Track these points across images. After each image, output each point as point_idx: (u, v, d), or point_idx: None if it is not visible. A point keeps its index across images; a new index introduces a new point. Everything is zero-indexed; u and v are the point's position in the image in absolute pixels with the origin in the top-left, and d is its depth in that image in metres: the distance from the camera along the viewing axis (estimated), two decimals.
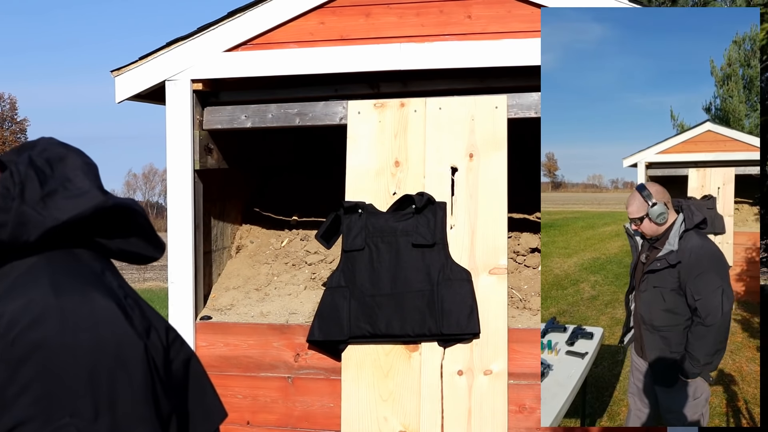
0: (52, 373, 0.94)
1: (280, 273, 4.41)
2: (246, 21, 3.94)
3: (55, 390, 0.93)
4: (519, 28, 3.71)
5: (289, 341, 3.87)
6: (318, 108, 4.01)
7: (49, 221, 1.04)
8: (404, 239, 3.67)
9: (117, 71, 4.07)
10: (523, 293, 4.03)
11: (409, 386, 3.63)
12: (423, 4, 3.80)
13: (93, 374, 0.96)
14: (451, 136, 3.79)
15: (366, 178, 3.84)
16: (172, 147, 4.01)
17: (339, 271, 3.73)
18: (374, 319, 3.63)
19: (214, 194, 4.38)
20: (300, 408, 3.84)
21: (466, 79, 3.98)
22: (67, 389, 0.94)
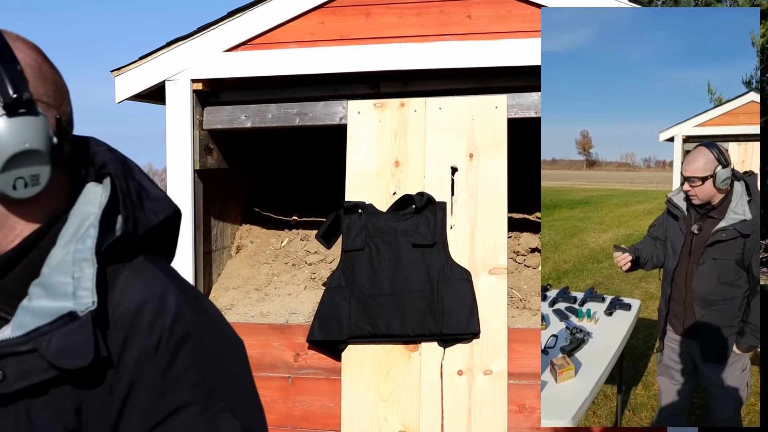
0: (203, 361, 0.99)
1: (280, 273, 4.41)
2: (246, 21, 3.94)
3: (206, 377, 0.99)
4: (519, 28, 3.71)
5: (289, 341, 3.87)
6: (318, 108, 4.01)
7: (152, 220, 1.05)
8: (404, 239, 3.67)
9: (117, 71, 4.07)
10: (523, 293, 4.03)
11: (409, 386, 3.63)
12: (423, 4, 3.80)
13: (230, 362, 1.03)
14: (451, 136, 3.79)
15: (366, 178, 3.84)
16: (172, 147, 4.01)
17: (339, 271, 3.73)
18: (374, 319, 3.63)
19: (214, 194, 4.38)
20: (300, 408, 3.84)
21: (466, 79, 3.98)
22: (216, 376, 1.00)
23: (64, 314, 0.94)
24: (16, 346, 0.93)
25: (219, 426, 0.98)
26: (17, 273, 0.97)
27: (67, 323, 0.93)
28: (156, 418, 0.95)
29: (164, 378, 0.97)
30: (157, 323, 0.98)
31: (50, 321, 0.94)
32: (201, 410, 0.97)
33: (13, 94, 0.94)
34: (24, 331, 0.94)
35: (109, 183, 1.03)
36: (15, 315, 0.95)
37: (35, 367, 0.93)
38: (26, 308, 0.95)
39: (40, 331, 0.93)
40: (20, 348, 0.93)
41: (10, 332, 0.94)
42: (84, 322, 0.93)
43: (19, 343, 0.93)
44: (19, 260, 0.97)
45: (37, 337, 0.93)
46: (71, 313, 0.94)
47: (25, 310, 0.95)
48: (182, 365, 0.98)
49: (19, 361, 0.93)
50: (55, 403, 0.94)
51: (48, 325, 0.93)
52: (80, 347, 0.92)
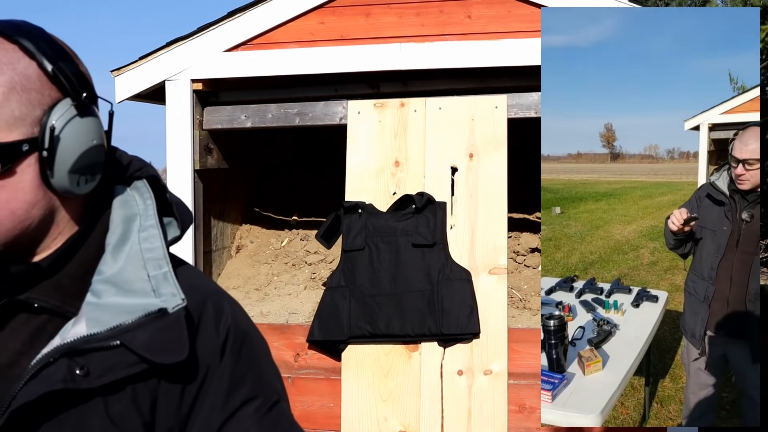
0: (259, 358, 1.08)
1: (280, 273, 4.41)
2: (246, 21, 3.94)
3: (264, 371, 1.07)
4: (519, 28, 3.71)
5: (289, 341, 3.87)
6: (318, 108, 4.01)
7: (187, 222, 1.10)
8: (404, 239, 3.67)
9: (117, 71, 4.07)
10: (523, 293, 4.03)
11: (409, 386, 3.63)
12: (423, 4, 3.80)
13: (271, 356, 1.12)
14: (451, 136, 3.79)
15: (366, 177, 3.84)
16: (172, 147, 4.01)
17: (339, 270, 3.73)
18: (374, 318, 3.63)
19: (214, 194, 4.38)
20: (300, 408, 3.84)
21: (466, 79, 3.98)
22: (270, 370, 1.09)
23: (153, 311, 0.96)
24: (102, 342, 0.94)
25: (279, 416, 1.06)
26: (73, 269, 0.98)
27: (156, 320, 0.96)
28: (227, 412, 1.00)
29: (232, 374, 1.02)
30: (221, 321, 1.04)
31: (136, 318, 0.95)
32: (264, 403, 1.04)
33: (83, 93, 0.96)
34: (105, 327, 0.94)
35: (144, 185, 1.06)
36: (83, 311, 0.96)
37: (120, 363, 0.94)
38: (98, 305, 0.96)
39: (123, 327, 0.94)
40: (108, 343, 0.94)
41: (86, 329, 0.94)
42: (176, 319, 0.96)
43: (105, 339, 0.94)
44: (70, 256, 0.98)
45: (122, 333, 0.94)
46: (161, 310, 0.96)
47: (97, 306, 0.96)
48: (247, 361, 1.05)
49: (104, 356, 0.93)
50: (134, 398, 0.96)
51: (133, 321, 0.95)
52: (176, 343, 0.95)
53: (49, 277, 0.97)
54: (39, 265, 0.97)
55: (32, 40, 0.94)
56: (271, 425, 1.04)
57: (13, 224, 0.94)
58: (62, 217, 0.99)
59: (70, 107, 0.95)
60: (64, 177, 0.95)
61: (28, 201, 0.94)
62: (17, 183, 0.93)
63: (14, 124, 0.92)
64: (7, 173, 0.92)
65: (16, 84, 0.92)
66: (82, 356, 0.93)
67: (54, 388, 0.91)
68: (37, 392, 0.90)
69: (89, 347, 0.93)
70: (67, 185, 0.96)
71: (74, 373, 0.92)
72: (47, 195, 0.96)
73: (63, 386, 0.91)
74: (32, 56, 0.93)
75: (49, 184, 0.95)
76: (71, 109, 0.95)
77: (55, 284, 0.98)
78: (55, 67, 0.94)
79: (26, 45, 0.93)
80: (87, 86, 0.97)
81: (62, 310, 0.97)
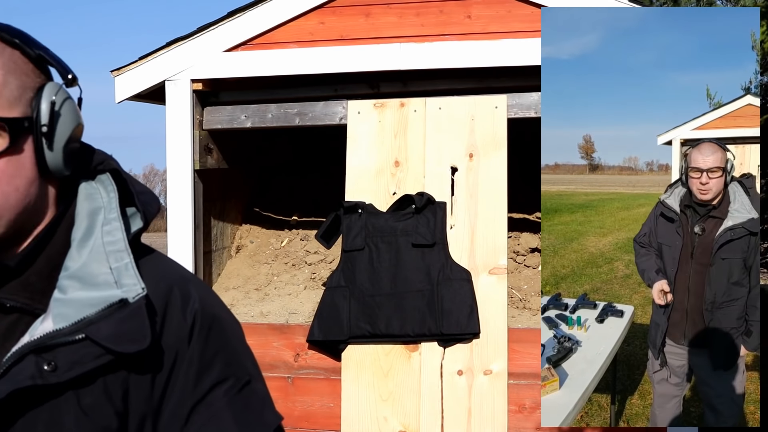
0: (229, 338, 1.08)
1: (280, 273, 4.41)
2: (246, 21, 3.94)
3: (234, 353, 1.08)
4: (519, 28, 3.71)
5: (289, 341, 3.87)
6: (318, 108, 4.01)
7: (151, 212, 1.09)
8: (404, 239, 3.67)
9: (117, 71, 4.07)
10: (523, 293, 4.03)
11: (409, 386, 3.63)
12: (423, 4, 3.80)
13: (243, 338, 1.12)
14: (451, 136, 3.79)
15: (366, 178, 3.84)
16: (172, 147, 4.01)
17: (339, 270, 3.73)
18: (374, 319, 3.63)
19: (214, 194, 4.38)
20: (300, 408, 3.84)
21: (466, 79, 3.98)
22: (240, 352, 1.10)
23: (114, 302, 0.97)
24: (67, 336, 0.95)
25: (250, 397, 1.08)
26: (41, 266, 1.00)
27: (118, 310, 0.97)
28: (197, 396, 1.02)
29: (201, 358, 1.03)
30: (188, 306, 1.04)
31: (98, 310, 0.97)
32: (234, 384, 1.06)
33: (69, 75, 1.00)
34: (70, 322, 0.96)
35: (108, 178, 1.07)
36: (51, 308, 0.97)
37: (87, 355, 0.95)
38: (64, 300, 0.97)
39: (87, 320, 0.96)
40: (73, 337, 0.95)
41: (52, 324, 0.96)
42: (137, 308, 0.97)
43: (70, 333, 0.95)
44: (37, 254, 1.00)
45: (86, 326, 0.96)
46: (122, 301, 0.97)
47: (62, 302, 0.97)
48: (216, 344, 1.05)
49: (70, 350, 0.95)
50: (105, 389, 0.98)
51: (96, 314, 0.96)
52: (138, 332, 0.96)
53: (17, 276, 0.99)
54: (6, 264, 0.98)
55: (9, 32, 0.98)
56: (243, 407, 1.06)
57: (17, 200, 0.96)
58: (43, 206, 1.01)
59: (60, 88, 0.99)
60: (59, 154, 0.98)
61: (29, 177, 0.97)
62: (20, 159, 0.96)
63: (14, 103, 0.96)
64: (12, 148, 0.95)
65: (10, 68, 0.96)
66: (49, 352, 0.95)
67: (22, 386, 0.92)
68: (5, 390, 0.92)
69: (56, 342, 0.95)
70: (60, 163, 0.99)
71: (42, 369, 0.94)
72: (38, 176, 0.99)
73: (31, 383, 0.93)
74: (14, 45, 0.98)
75: (43, 163, 0.98)
76: (62, 90, 0.99)
77: (23, 283, 0.99)
78: (39, 51, 0.99)
79: (5, 37, 0.98)
80: (68, 70, 1.01)
81: (32, 308, 0.99)
